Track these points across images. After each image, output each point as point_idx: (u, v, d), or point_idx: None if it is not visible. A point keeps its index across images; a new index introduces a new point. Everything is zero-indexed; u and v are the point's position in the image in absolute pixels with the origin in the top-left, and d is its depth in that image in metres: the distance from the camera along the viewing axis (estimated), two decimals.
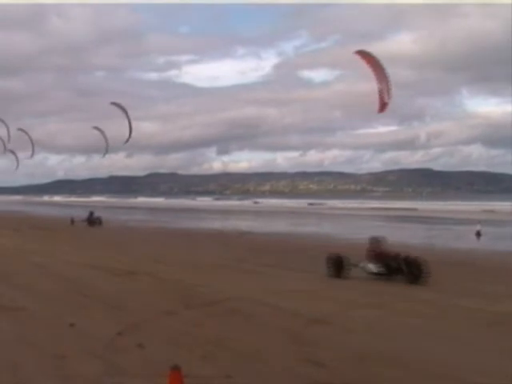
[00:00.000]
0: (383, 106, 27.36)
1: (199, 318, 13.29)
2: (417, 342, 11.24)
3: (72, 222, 56.37)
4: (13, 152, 56.65)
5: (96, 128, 52.07)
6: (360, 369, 9.48)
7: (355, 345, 10.96)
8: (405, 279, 19.04)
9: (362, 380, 8.99)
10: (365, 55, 28.04)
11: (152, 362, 9.60)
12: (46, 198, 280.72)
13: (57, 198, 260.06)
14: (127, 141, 43.25)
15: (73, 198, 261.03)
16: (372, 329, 12.37)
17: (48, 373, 9.22)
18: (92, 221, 55.64)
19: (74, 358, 9.99)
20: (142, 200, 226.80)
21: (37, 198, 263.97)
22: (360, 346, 10.82)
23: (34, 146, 49.23)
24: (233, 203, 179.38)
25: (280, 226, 60.31)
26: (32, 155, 51.52)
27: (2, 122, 48.88)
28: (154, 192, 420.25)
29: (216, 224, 64.22)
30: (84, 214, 58.84)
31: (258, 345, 10.90)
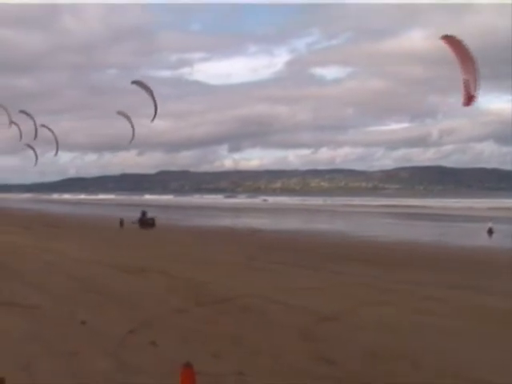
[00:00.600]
0: (469, 99, 25.68)
1: (211, 316, 13.33)
2: (428, 340, 11.23)
3: (121, 223, 50.20)
4: (31, 147, 55.43)
5: (121, 113, 49.43)
6: (370, 366, 9.49)
7: (366, 342, 10.97)
8: None
9: (372, 377, 9.00)
10: (453, 42, 26.05)
11: (164, 359, 9.64)
12: (56, 195, 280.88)
13: (66, 196, 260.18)
14: (153, 119, 42.43)
15: (83, 196, 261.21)
16: (383, 326, 12.36)
17: (61, 370, 9.26)
18: (145, 222, 50.27)
19: (87, 355, 10.03)
20: (151, 197, 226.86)
21: (47, 196, 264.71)
22: (371, 343, 10.82)
23: (58, 143, 48.02)
24: (242, 201, 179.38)
25: (290, 224, 60.29)
26: (56, 153, 50.09)
27: (30, 116, 48.08)
28: (165, 190, 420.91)
29: (227, 221, 64.25)
30: (135, 215, 53.92)
31: (270, 342, 10.93)
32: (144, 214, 51.35)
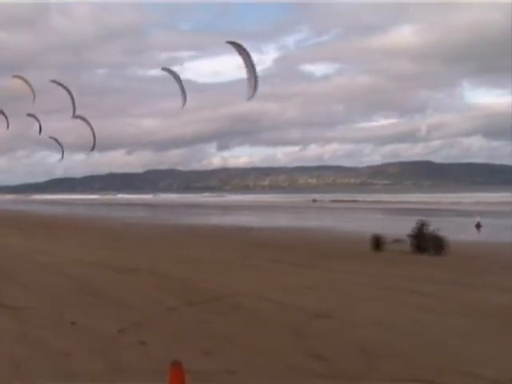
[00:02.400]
0: None
1: (202, 314, 13.30)
2: (421, 336, 11.25)
3: (377, 244, 28.10)
4: (56, 140, 52.89)
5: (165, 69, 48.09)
6: (362, 362, 9.49)
7: (358, 339, 10.97)
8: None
9: (364, 373, 8.99)
10: None
11: (154, 358, 9.60)
12: (44, 196, 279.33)
13: (54, 197, 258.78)
14: (183, 106, 41.63)
15: (72, 196, 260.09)
16: (375, 322, 12.37)
17: (51, 370, 9.22)
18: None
19: (77, 355, 10.00)
20: (140, 197, 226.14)
21: (36, 197, 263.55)
22: (363, 340, 10.83)
23: (95, 138, 45.78)
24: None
25: (282, 221, 60.30)
26: (93, 148, 47.32)
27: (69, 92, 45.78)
28: (153, 189, 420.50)
29: (218, 219, 64.17)
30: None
31: (262, 340, 10.92)
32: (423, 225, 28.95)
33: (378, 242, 27.78)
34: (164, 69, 40.10)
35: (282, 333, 11.48)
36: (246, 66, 30.75)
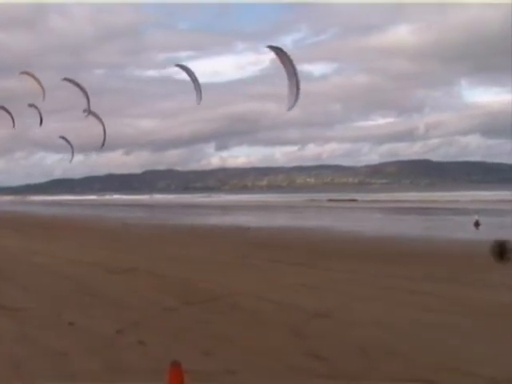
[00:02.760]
0: None
1: (201, 314, 13.28)
2: (420, 334, 11.24)
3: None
4: (66, 140, 51.13)
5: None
6: (362, 362, 9.48)
7: (358, 338, 10.95)
8: None
9: (363, 373, 8.98)
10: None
11: (153, 358, 9.58)
12: (42, 197, 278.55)
13: (53, 198, 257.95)
14: (199, 101, 40.95)
15: (70, 197, 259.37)
16: (375, 322, 12.36)
17: (50, 370, 9.21)
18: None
19: (76, 355, 9.98)
20: (140, 197, 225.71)
21: (34, 198, 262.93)
22: (362, 339, 10.81)
23: (105, 135, 44.97)
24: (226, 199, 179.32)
25: (280, 221, 60.30)
26: (103, 145, 46.46)
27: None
28: (152, 189, 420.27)
29: (217, 219, 64.16)
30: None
31: (261, 340, 10.90)
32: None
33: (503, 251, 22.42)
34: (178, 65, 39.74)
35: (282, 333, 11.47)
36: (288, 74, 29.72)
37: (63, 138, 52.29)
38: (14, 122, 54.36)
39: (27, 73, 45.02)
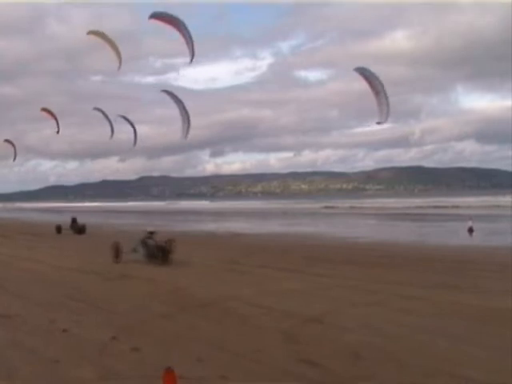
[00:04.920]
0: None
1: (193, 320, 13.28)
2: (413, 340, 11.25)
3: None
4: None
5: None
6: (354, 367, 9.50)
7: (349, 343, 10.97)
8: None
9: (356, 378, 8.99)
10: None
11: (147, 365, 9.58)
12: (35, 204, 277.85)
13: (46, 205, 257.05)
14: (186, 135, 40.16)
15: (62, 204, 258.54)
16: (366, 326, 12.37)
17: (42, 378, 9.19)
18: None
19: (69, 362, 9.96)
20: (132, 204, 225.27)
21: (27, 204, 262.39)
22: (354, 344, 10.82)
23: (136, 136, 43.75)
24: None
25: (272, 227, 60.26)
26: (134, 144, 44.88)
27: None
28: (146, 195, 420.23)
29: (208, 226, 64.13)
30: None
31: (253, 345, 10.89)
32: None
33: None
34: (164, 91, 39.51)
35: (274, 338, 11.47)
36: (373, 90, 29.52)
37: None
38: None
39: (93, 32, 44.56)
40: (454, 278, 19.46)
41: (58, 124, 48.50)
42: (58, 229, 49.87)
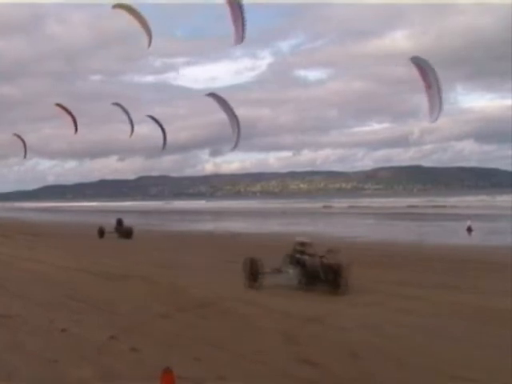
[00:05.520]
0: None
1: (192, 320, 13.29)
2: (411, 339, 11.26)
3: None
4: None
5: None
6: (353, 367, 9.50)
7: (348, 343, 10.97)
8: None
9: (355, 378, 9.00)
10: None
11: (145, 365, 9.58)
12: (34, 203, 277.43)
13: (45, 204, 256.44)
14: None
15: (62, 203, 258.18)
16: (365, 327, 12.37)
17: (42, 378, 9.19)
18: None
19: (68, 362, 9.96)
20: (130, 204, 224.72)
21: (26, 204, 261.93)
22: (353, 344, 10.82)
23: (165, 137, 42.72)
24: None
25: (270, 227, 60.25)
26: (164, 143, 43.06)
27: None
28: (144, 195, 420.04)
29: (207, 226, 64.13)
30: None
31: (252, 345, 10.90)
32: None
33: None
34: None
35: (273, 338, 11.47)
36: (425, 83, 28.31)
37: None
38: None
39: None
40: (453, 278, 19.46)
41: (75, 122, 46.97)
42: (101, 232, 43.47)
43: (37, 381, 9.11)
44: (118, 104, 42.35)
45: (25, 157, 54.91)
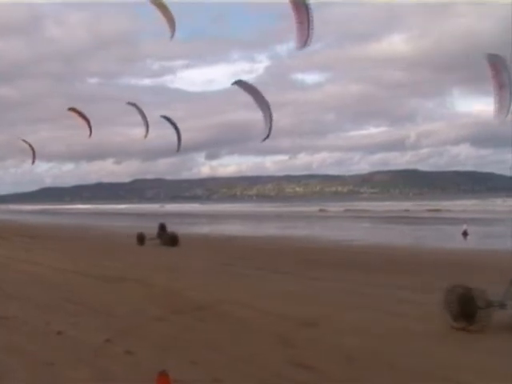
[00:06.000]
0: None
1: (188, 323, 13.30)
2: (407, 343, 11.27)
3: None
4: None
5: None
6: (349, 371, 9.51)
7: (344, 346, 10.98)
8: None
9: (351, 381, 9.02)
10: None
11: (141, 368, 9.59)
12: (31, 206, 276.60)
13: (42, 207, 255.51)
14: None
15: (58, 206, 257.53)
16: (361, 331, 12.38)
17: (37, 380, 9.21)
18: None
19: (63, 365, 9.96)
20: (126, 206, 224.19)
21: (22, 206, 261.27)
22: (349, 348, 10.83)
23: (180, 138, 41.13)
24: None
25: (266, 230, 60.28)
26: (179, 143, 41.09)
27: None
28: (140, 198, 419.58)
29: (203, 229, 64.12)
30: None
31: (247, 348, 10.91)
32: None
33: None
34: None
35: (269, 341, 11.48)
36: (497, 82, 26.84)
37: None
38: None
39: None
40: (449, 282, 19.46)
41: (90, 126, 46.47)
42: (141, 238, 39.43)
43: (33, 382, 9.13)
44: (132, 104, 41.33)
45: (33, 163, 53.75)
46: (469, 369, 9.48)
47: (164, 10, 31.47)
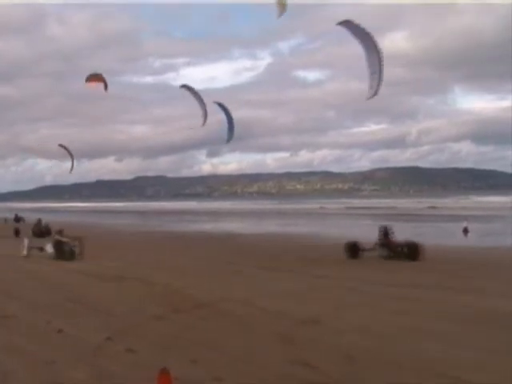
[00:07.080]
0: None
1: (189, 321, 13.28)
2: (407, 341, 11.26)
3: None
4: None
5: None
6: (349, 369, 9.49)
7: (345, 345, 10.96)
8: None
9: (351, 380, 9.00)
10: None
11: (141, 366, 9.58)
12: (30, 204, 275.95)
13: (41, 204, 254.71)
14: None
15: (58, 204, 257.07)
16: (361, 328, 12.36)
17: (38, 379, 9.18)
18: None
19: (64, 363, 9.95)
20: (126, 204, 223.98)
21: (23, 204, 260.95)
22: (349, 346, 10.81)
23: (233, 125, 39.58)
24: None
25: (268, 227, 60.24)
26: (230, 133, 39.81)
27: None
28: (141, 196, 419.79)
29: (204, 226, 64.11)
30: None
31: (248, 347, 10.90)
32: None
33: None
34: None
35: (270, 339, 11.47)
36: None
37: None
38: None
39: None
40: (449, 279, 19.49)
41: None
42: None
43: (33, 382, 9.11)
44: (187, 86, 39.32)
45: (71, 172, 51.58)
46: (468, 367, 9.47)
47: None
